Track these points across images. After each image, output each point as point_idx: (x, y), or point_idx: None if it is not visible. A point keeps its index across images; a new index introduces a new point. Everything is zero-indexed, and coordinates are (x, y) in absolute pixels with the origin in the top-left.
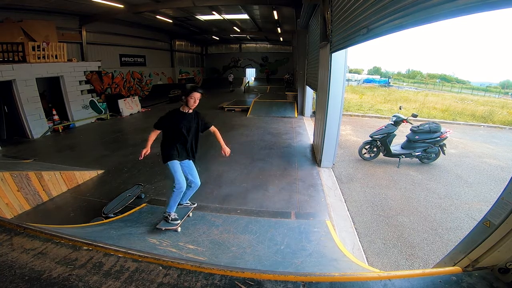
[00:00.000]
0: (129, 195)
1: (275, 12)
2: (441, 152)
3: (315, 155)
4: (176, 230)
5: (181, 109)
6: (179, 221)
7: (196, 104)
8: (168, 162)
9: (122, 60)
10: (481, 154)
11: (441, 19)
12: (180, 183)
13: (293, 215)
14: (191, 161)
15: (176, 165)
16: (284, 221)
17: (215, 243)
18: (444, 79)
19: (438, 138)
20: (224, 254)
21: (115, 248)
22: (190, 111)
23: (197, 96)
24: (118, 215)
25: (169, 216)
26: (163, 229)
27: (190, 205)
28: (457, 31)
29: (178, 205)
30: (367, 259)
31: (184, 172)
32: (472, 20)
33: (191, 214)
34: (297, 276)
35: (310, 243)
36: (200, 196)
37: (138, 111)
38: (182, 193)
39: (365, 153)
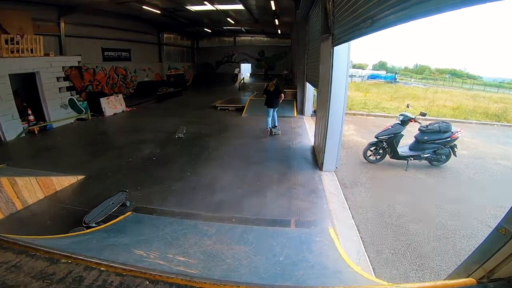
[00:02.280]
0: (112, 203)
1: (272, 3)
2: (452, 154)
3: (316, 158)
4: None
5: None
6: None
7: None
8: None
9: (105, 54)
10: (495, 156)
11: (455, 9)
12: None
13: (293, 223)
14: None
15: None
16: (283, 229)
17: (207, 255)
18: (455, 74)
19: (449, 139)
20: (218, 266)
21: (97, 261)
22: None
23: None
24: (101, 225)
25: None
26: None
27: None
28: (468, 22)
29: (273, 127)
30: (374, 270)
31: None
32: (485, 11)
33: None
34: None
35: (312, 253)
36: (191, 203)
37: (123, 111)
38: (270, 121)
39: (370, 155)
